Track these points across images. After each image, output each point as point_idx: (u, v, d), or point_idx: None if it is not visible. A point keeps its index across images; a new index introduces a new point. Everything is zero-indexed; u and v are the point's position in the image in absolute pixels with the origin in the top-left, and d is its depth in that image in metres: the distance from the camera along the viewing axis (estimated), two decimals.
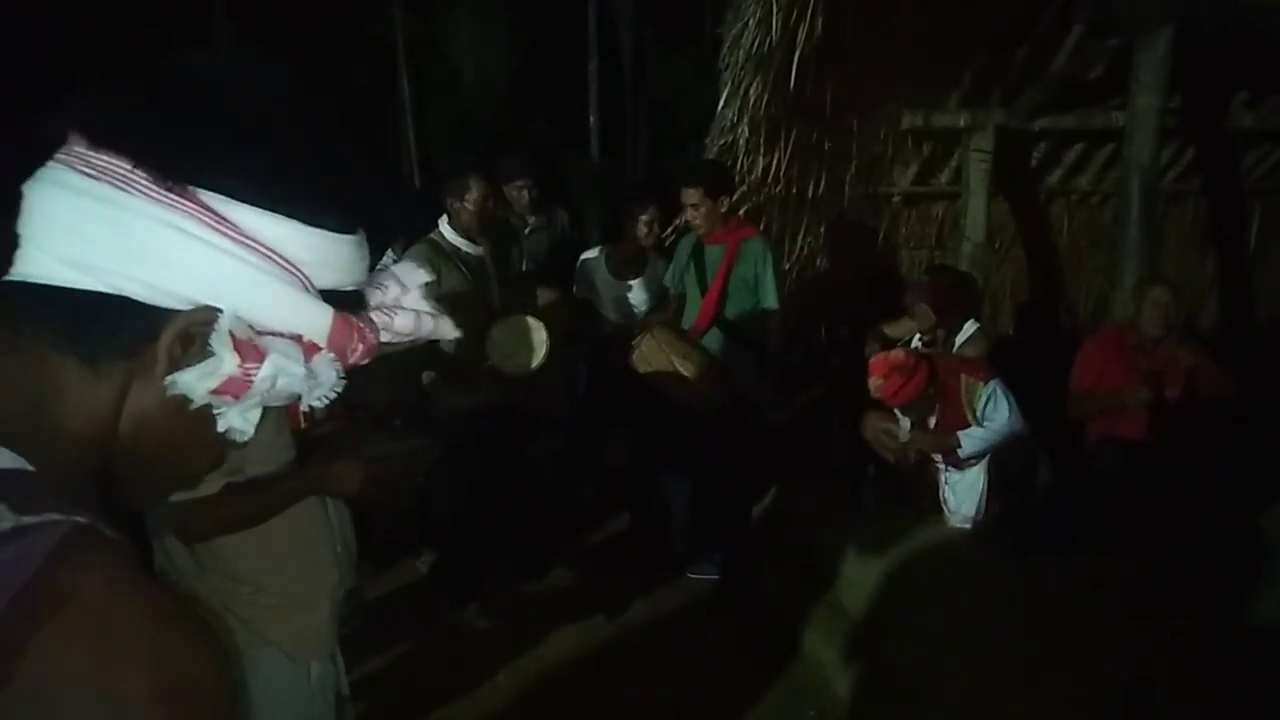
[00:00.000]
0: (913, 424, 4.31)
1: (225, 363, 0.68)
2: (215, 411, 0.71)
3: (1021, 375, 4.33)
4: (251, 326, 0.69)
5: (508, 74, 14.29)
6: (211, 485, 1.86)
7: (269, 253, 0.68)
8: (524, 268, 5.01)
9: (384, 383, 3.41)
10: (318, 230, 0.70)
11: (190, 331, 0.68)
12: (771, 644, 3.91)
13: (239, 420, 0.72)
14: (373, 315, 0.80)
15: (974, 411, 4.13)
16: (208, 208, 0.66)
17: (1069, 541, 3.98)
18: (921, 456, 4.29)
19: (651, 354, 3.98)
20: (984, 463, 4.21)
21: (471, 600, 4.09)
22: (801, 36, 4.80)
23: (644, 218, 4.74)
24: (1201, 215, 6.97)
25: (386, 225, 4.31)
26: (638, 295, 4.84)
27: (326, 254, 0.71)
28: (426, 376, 3.95)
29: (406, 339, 0.86)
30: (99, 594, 0.59)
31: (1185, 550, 3.71)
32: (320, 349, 0.73)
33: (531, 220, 5.20)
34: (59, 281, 0.66)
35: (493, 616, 4.06)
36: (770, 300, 4.30)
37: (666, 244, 5.28)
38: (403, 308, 0.85)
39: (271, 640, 1.99)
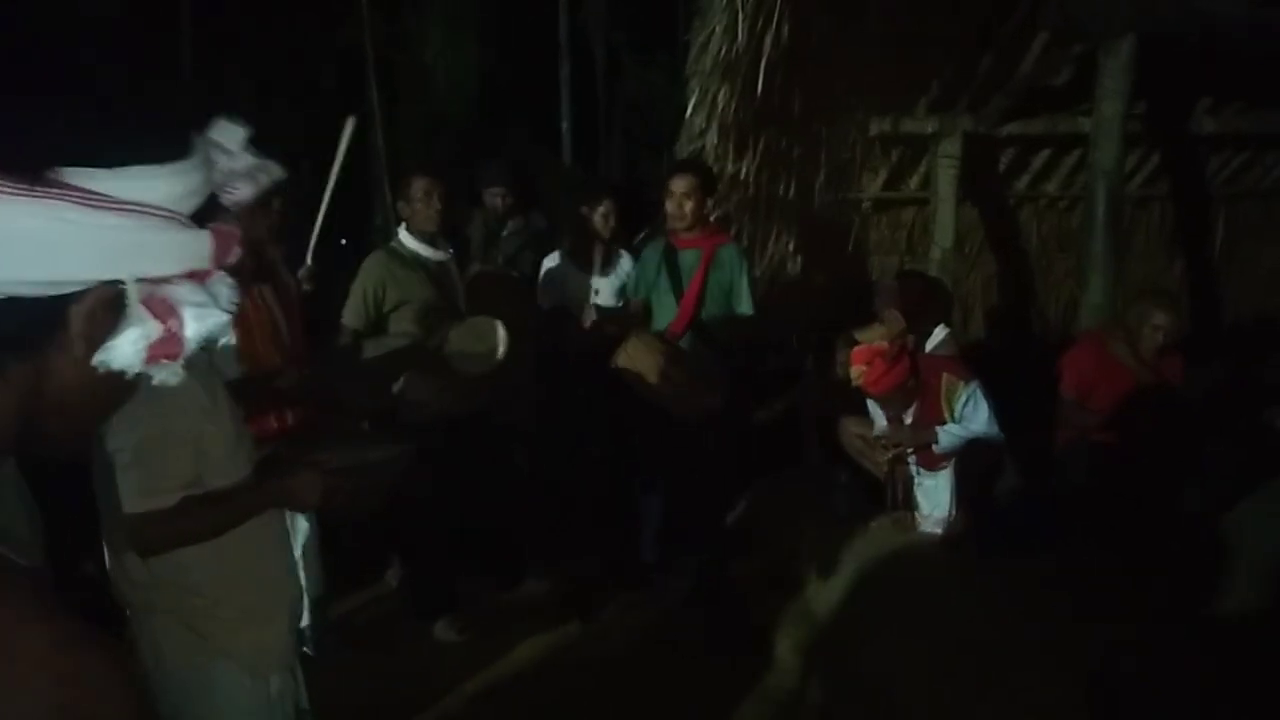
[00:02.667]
0: (888, 419, 4.32)
1: (148, 327, 0.70)
2: (152, 372, 0.74)
3: (992, 379, 4.35)
4: (152, 281, 0.70)
5: (479, 79, 14.28)
6: (168, 498, 1.83)
7: (143, 208, 0.68)
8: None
9: (359, 389, 3.40)
10: (171, 164, 0.71)
11: (97, 309, 0.69)
12: (743, 650, 3.91)
13: (168, 373, 0.75)
14: (224, 202, 0.83)
15: (952, 410, 4.15)
16: (75, 187, 0.66)
17: (1038, 543, 4.01)
18: (896, 453, 4.29)
19: (637, 356, 3.94)
20: (952, 465, 4.23)
21: (442, 613, 4.06)
22: (768, 44, 4.82)
23: (600, 210, 4.75)
24: (1168, 219, 7.07)
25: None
26: (605, 288, 4.82)
27: (185, 183, 0.72)
28: (397, 386, 3.93)
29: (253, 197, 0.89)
30: (5, 618, 0.60)
31: (1152, 549, 3.75)
32: (210, 271, 0.75)
33: (509, 225, 5.19)
34: None
35: (463, 629, 4.03)
36: (745, 306, 4.30)
37: (635, 244, 5.28)
38: (238, 176, 0.87)
39: (230, 653, 1.96)
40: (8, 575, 0.64)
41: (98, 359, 0.69)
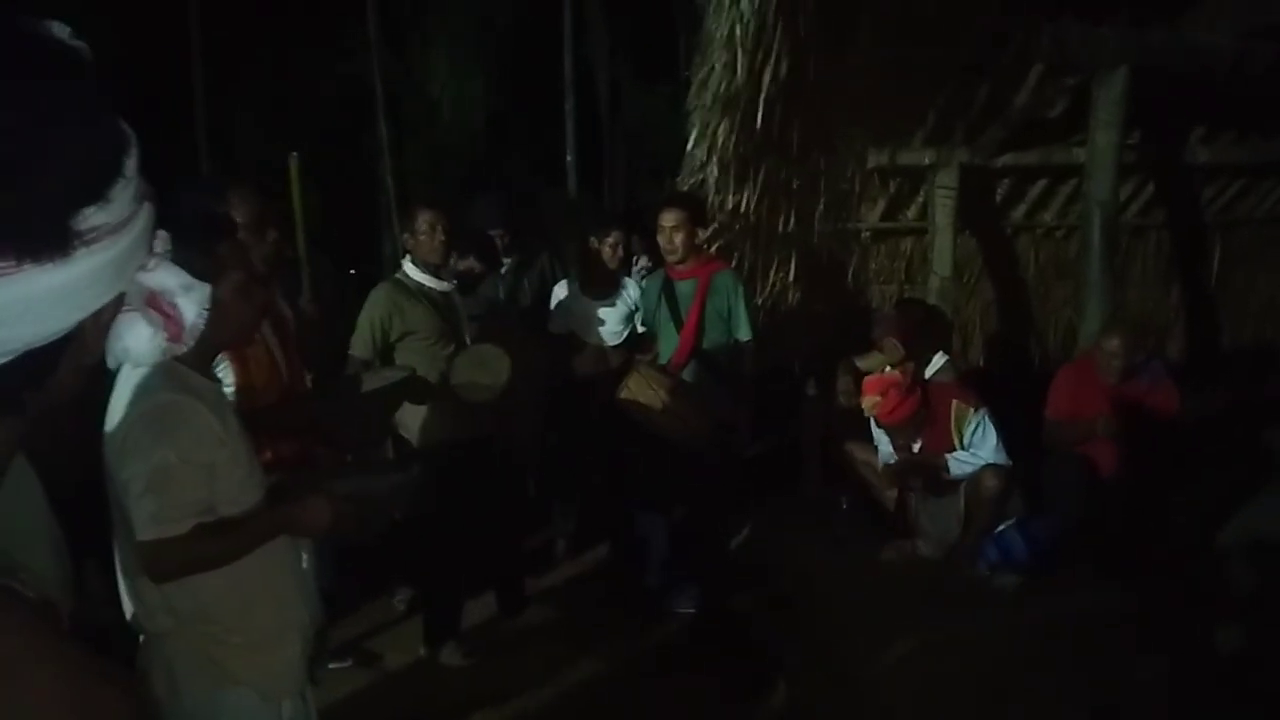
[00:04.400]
0: (895, 446, 4.37)
1: (155, 321, 0.78)
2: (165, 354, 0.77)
3: (991, 406, 4.41)
4: (139, 277, 0.73)
5: (485, 113, 14.42)
6: (181, 526, 1.88)
7: (129, 221, 0.69)
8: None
9: (363, 418, 3.44)
10: (128, 166, 0.69)
11: (107, 318, 0.71)
12: (747, 673, 3.93)
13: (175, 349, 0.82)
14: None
15: (960, 437, 4.21)
16: (81, 231, 0.65)
17: (1039, 566, 4.06)
18: (902, 481, 4.34)
19: (639, 389, 4.03)
20: (960, 490, 4.28)
21: (449, 638, 4.10)
22: (767, 79, 4.92)
23: (609, 240, 4.81)
24: (1164, 248, 7.11)
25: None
26: (613, 318, 4.88)
27: (128, 188, 0.70)
28: (401, 412, 3.99)
29: None
30: (15, 652, 0.62)
31: (1152, 572, 3.79)
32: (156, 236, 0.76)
33: (507, 261, 5.23)
34: None
35: (469, 653, 4.06)
36: (744, 332, 4.37)
37: (638, 269, 5.35)
38: None
39: (243, 678, 1.99)
40: (13, 607, 0.65)
41: (113, 359, 0.73)
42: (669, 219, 4.32)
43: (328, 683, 3.55)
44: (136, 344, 0.75)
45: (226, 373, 3.02)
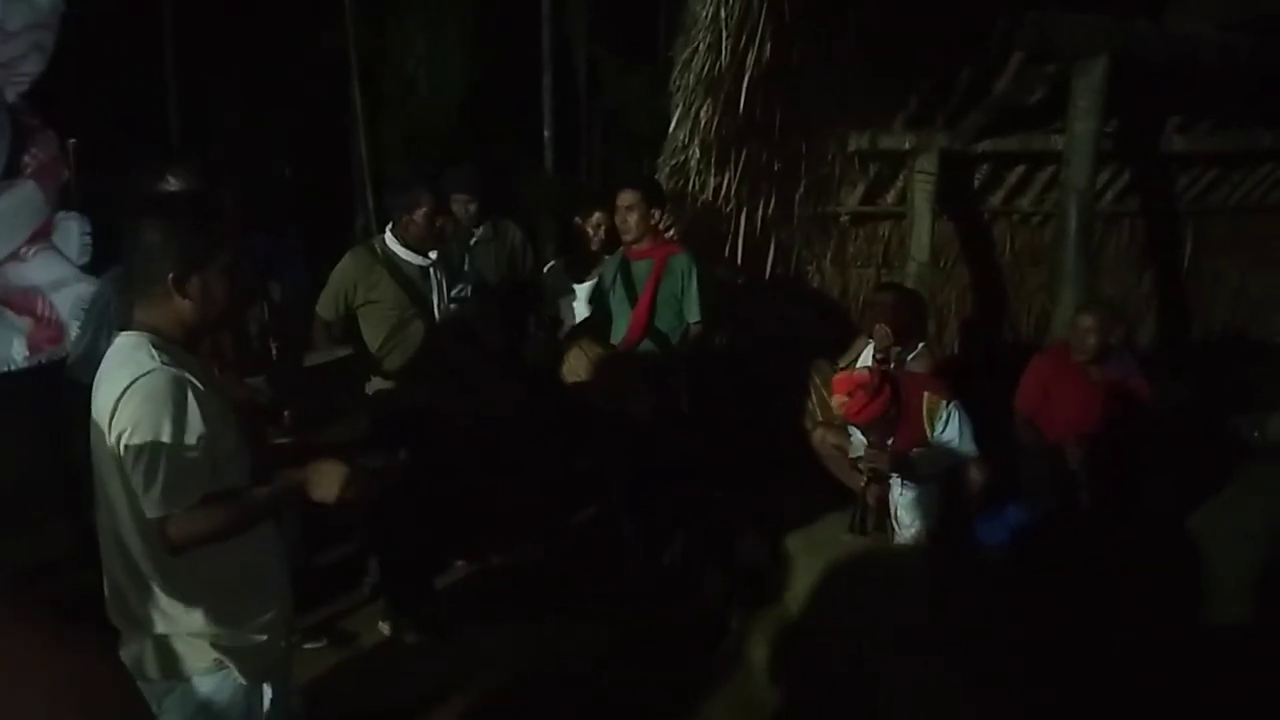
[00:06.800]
0: (869, 441, 4.33)
1: (18, 324, 0.69)
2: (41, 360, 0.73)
3: (965, 391, 4.42)
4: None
5: (462, 87, 14.30)
6: (191, 497, 1.88)
7: None
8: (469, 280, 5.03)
9: (342, 399, 3.42)
10: None
11: None
12: (720, 657, 3.96)
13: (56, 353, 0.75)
14: (14, 96, 0.73)
15: (932, 428, 4.19)
16: None
17: (1014, 551, 4.10)
18: (874, 475, 4.33)
19: (578, 365, 4.17)
20: (937, 482, 4.28)
21: (409, 616, 4.10)
22: (750, 61, 4.91)
23: (593, 220, 4.85)
24: (1138, 235, 7.17)
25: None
26: (584, 297, 4.91)
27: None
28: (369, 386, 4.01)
29: (42, 47, 0.77)
30: None
31: (1126, 554, 3.84)
32: (49, 220, 0.72)
33: (476, 233, 5.09)
34: None
35: (436, 630, 4.08)
36: (693, 314, 4.42)
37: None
38: (19, 53, 0.76)
39: (225, 663, 2.00)
40: None
41: None
42: (625, 199, 4.44)
43: (304, 663, 3.58)
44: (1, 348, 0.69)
45: None
